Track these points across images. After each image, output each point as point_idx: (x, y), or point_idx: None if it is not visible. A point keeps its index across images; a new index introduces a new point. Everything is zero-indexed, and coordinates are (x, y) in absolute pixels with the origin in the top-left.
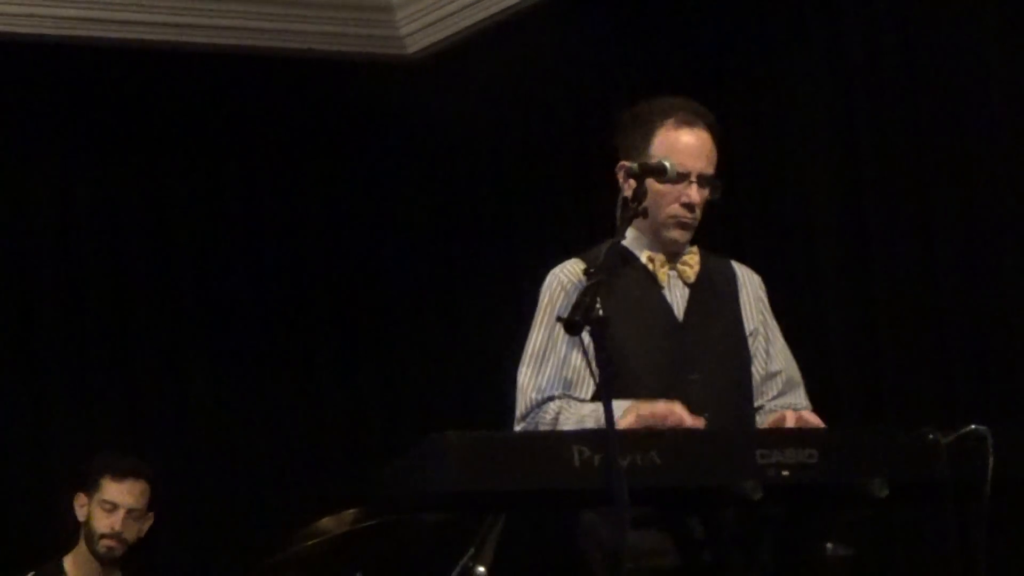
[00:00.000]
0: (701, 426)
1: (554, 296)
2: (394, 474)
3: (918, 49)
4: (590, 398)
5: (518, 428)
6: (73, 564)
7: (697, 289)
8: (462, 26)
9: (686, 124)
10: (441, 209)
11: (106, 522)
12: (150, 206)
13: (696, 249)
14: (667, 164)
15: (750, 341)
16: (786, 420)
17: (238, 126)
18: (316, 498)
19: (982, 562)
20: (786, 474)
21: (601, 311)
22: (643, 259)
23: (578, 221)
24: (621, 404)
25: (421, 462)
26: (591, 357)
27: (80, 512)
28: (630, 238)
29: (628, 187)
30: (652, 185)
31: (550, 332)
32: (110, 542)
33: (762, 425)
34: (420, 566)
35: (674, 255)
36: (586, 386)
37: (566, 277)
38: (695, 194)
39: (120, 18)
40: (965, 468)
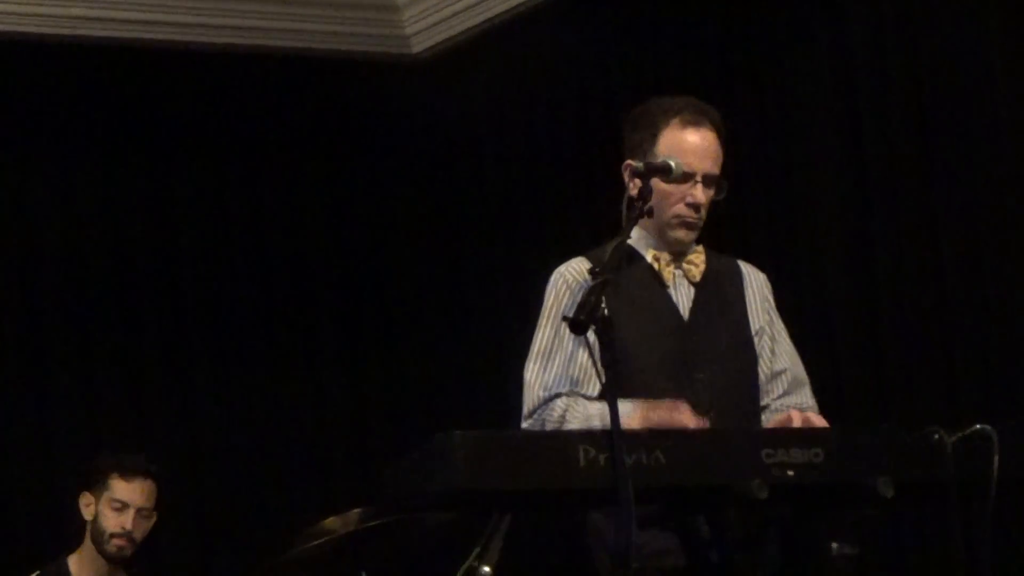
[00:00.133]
0: (706, 427)
1: (560, 294)
2: (399, 474)
3: (923, 48)
4: (597, 395)
5: (525, 425)
6: (78, 563)
7: (703, 288)
8: (467, 25)
9: (691, 124)
10: (446, 208)
11: (116, 521)
12: (155, 205)
13: (701, 248)
14: (672, 164)
15: (756, 340)
16: (792, 421)
17: (244, 126)
18: (321, 498)
19: (987, 561)
20: (792, 473)
21: (606, 311)
22: (648, 258)
23: (583, 220)
24: (628, 406)
25: (426, 462)
26: (596, 357)
27: (86, 511)
28: (635, 237)
29: (633, 186)
30: (657, 185)
31: (556, 330)
32: (121, 541)
33: (768, 425)
34: (425, 566)
35: (679, 254)
36: (593, 383)
37: (571, 276)
38: (700, 194)
39: (129, 17)
40: (970, 467)
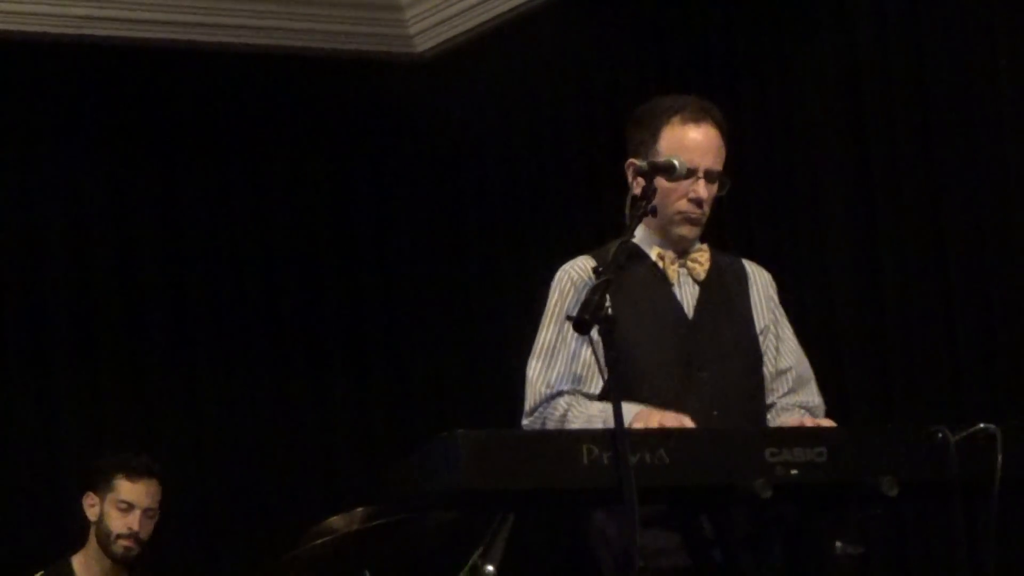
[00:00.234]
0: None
1: (564, 292)
2: (403, 472)
3: (928, 44)
4: (600, 393)
5: (526, 422)
6: (82, 563)
7: (707, 287)
8: (471, 25)
9: (693, 120)
10: (450, 207)
11: (122, 522)
12: (161, 205)
13: (706, 247)
14: (676, 163)
15: (760, 339)
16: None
17: (248, 125)
18: (325, 496)
19: (991, 560)
20: (795, 472)
21: (610, 310)
22: (653, 256)
23: (587, 219)
24: (631, 408)
25: (430, 461)
26: (600, 355)
27: (91, 512)
28: (640, 235)
29: (637, 185)
30: (660, 182)
31: (560, 327)
32: (127, 542)
33: (774, 423)
34: (428, 565)
35: (683, 252)
36: (596, 381)
37: (576, 274)
38: (703, 190)
39: (135, 17)
40: (974, 466)
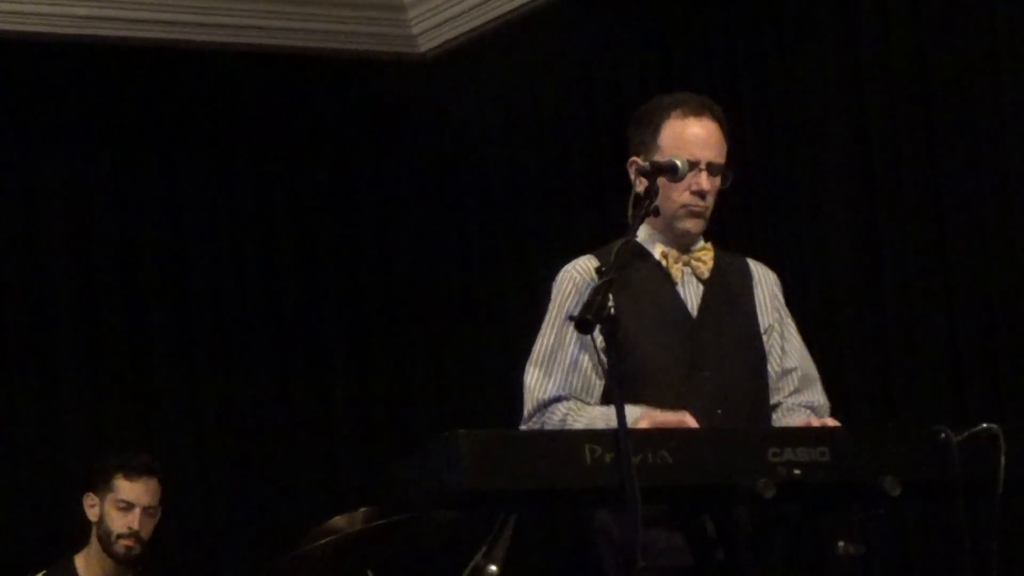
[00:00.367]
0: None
1: (565, 294)
2: (406, 473)
3: (930, 42)
4: (598, 402)
5: (523, 428)
6: (84, 563)
7: (711, 285)
8: (474, 24)
9: (693, 114)
10: (453, 207)
11: (123, 522)
12: (162, 205)
13: (710, 245)
14: (678, 163)
15: (765, 338)
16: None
17: (250, 125)
18: (328, 497)
19: (994, 560)
20: (798, 472)
21: (613, 310)
22: (657, 255)
23: (590, 219)
24: (633, 410)
25: (432, 461)
26: (602, 356)
27: (91, 512)
28: (643, 234)
29: (640, 184)
30: (662, 180)
31: (560, 332)
32: (128, 542)
33: (780, 423)
34: (431, 565)
35: (687, 249)
36: (595, 390)
37: (578, 274)
38: (705, 181)
39: (136, 16)
40: (977, 466)
